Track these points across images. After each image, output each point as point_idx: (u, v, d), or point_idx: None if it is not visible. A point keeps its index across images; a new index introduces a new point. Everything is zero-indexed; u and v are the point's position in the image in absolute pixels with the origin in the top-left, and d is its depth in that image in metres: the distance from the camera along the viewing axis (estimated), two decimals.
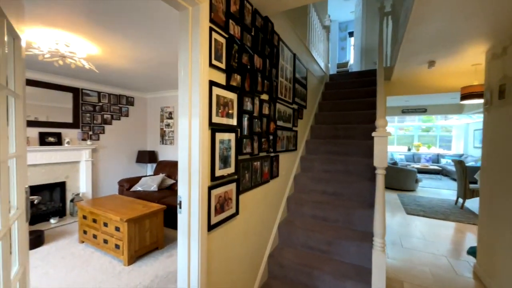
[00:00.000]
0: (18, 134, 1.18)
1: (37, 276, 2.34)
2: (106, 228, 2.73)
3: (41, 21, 1.99)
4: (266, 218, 2.09)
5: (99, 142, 4.48)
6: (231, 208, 1.52)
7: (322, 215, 2.34)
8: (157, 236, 2.91)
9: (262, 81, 1.86)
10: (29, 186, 3.54)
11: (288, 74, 2.49)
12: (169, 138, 5.05)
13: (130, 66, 3.17)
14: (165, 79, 3.89)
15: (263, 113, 1.91)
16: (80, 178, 4.17)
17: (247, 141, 1.67)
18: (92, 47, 2.54)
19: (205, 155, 1.28)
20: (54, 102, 3.81)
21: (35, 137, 3.61)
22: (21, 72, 1.17)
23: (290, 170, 2.68)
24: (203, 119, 1.26)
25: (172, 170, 4.55)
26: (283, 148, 2.38)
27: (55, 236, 3.24)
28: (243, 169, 1.66)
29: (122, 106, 4.86)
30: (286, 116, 2.45)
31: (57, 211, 3.89)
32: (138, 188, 4.09)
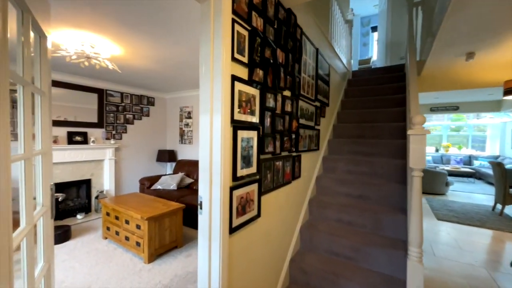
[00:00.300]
0: (44, 131, 1.19)
1: (64, 270, 2.42)
2: (128, 226, 2.77)
3: (68, 22, 2.05)
4: (288, 221, 1.99)
5: (122, 141, 4.62)
6: (253, 210, 1.44)
7: (347, 219, 2.20)
8: (176, 235, 2.91)
9: (285, 76, 1.77)
10: (58, 183, 3.73)
11: (311, 70, 2.37)
12: (188, 138, 5.10)
13: (151, 66, 3.21)
14: (184, 79, 3.92)
15: (286, 110, 1.81)
16: (104, 176, 4.32)
17: (269, 139, 1.59)
18: (115, 48, 2.59)
19: (226, 154, 1.21)
20: (81, 103, 3.97)
21: (63, 136, 3.78)
22: (47, 71, 1.18)
23: (312, 171, 2.56)
24: (225, 116, 1.19)
25: (191, 169, 4.58)
26: (305, 148, 2.27)
27: (81, 231, 3.36)
28: (265, 169, 1.58)
29: (143, 106, 4.98)
30: (308, 114, 2.33)
31: (83, 207, 4.05)
32: (158, 186, 4.16)
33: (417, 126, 1.48)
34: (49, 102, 1.21)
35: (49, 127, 1.22)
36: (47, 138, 1.19)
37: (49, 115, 1.22)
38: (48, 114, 1.20)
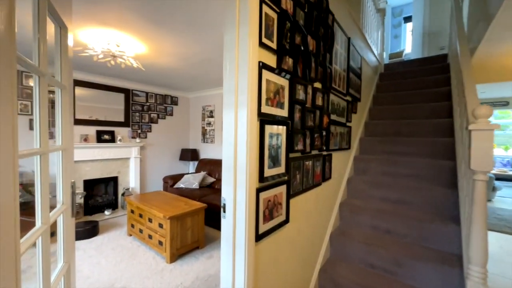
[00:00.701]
0: (65, 126, 1.14)
1: (91, 265, 2.46)
2: (151, 224, 2.77)
3: (95, 20, 2.06)
4: (317, 226, 1.80)
5: (147, 140, 4.71)
6: (281, 214, 1.29)
7: (384, 226, 1.95)
8: (198, 235, 2.85)
9: (316, 66, 1.59)
10: (88, 179, 3.87)
11: (342, 61, 2.15)
12: (210, 137, 5.07)
13: (174, 64, 3.19)
14: (206, 77, 3.87)
15: (316, 104, 1.63)
16: (130, 173, 4.43)
17: (298, 136, 1.42)
18: (139, 46, 2.59)
19: (253, 152, 1.08)
20: (109, 103, 4.11)
21: (93, 134, 3.93)
22: (67, 64, 1.13)
23: (342, 172, 2.34)
24: (251, 109, 1.05)
25: (213, 168, 4.54)
26: (336, 146, 2.06)
27: (108, 227, 3.45)
28: (294, 169, 1.42)
29: (167, 106, 5.05)
30: (339, 109, 2.12)
31: (110, 204, 4.19)
32: (180, 185, 4.17)
33: (482, 119, 1.22)
34: (69, 97, 1.16)
35: (70, 123, 1.17)
36: (68, 134, 1.15)
37: (70, 110, 1.18)
38: (69, 109, 1.16)
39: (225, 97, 1.10)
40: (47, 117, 0.90)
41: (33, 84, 0.86)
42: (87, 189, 3.89)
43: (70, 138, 1.18)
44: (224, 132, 1.12)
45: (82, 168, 3.80)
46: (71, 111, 1.19)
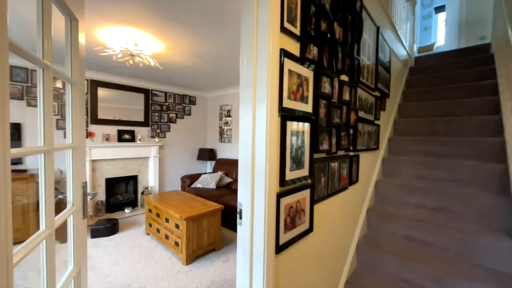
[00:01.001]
0: (75, 124, 1.09)
1: (110, 263, 2.47)
2: (168, 224, 2.74)
3: (113, 19, 2.05)
4: (343, 234, 1.63)
5: (165, 140, 4.76)
6: (304, 222, 1.15)
7: (421, 237, 1.73)
8: (214, 237, 2.78)
9: (343, 57, 1.42)
10: (109, 178, 3.97)
11: (371, 52, 1.95)
12: (227, 136, 5.02)
13: (191, 62, 3.15)
14: (223, 75, 3.80)
15: (343, 99, 1.46)
16: (149, 172, 4.49)
17: (324, 134, 1.27)
18: (157, 44, 2.56)
19: (273, 151, 0.95)
20: (130, 104, 4.19)
21: (114, 134, 4.02)
22: (79, 59, 1.08)
23: (370, 174, 2.13)
24: (271, 102, 0.93)
25: (230, 168, 4.47)
26: (363, 146, 1.87)
27: (127, 225, 3.50)
28: (319, 171, 1.26)
29: (185, 106, 5.07)
30: (367, 106, 1.92)
31: (130, 202, 4.27)
32: (198, 185, 4.14)
33: None
34: (80, 93, 1.11)
35: (82, 121, 1.12)
36: (79, 131, 1.10)
37: (81, 107, 1.13)
38: (80, 106, 1.11)
39: (242, 91, 0.98)
40: (52, 113, 0.84)
41: (37, 77, 0.81)
42: (109, 187, 3.99)
43: (82, 136, 1.13)
44: (240, 129, 1.00)
45: (104, 166, 3.90)
46: (83, 108, 1.14)
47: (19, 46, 0.62)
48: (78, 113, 1.09)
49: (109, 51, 2.44)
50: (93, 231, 3.04)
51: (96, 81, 3.76)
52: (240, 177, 1.00)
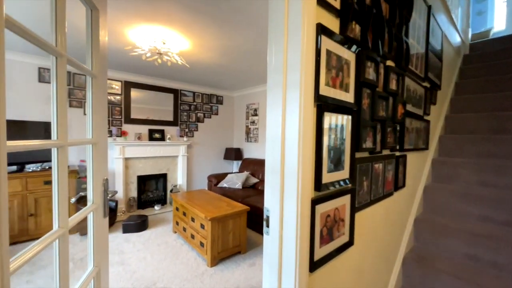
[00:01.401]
0: (96, 118, 1.05)
1: (138, 260, 2.51)
2: (193, 224, 2.70)
3: (141, 17, 2.05)
4: (386, 248, 1.39)
5: (193, 139, 4.82)
6: (343, 234, 0.96)
7: (488, 257, 1.41)
8: (240, 239, 2.67)
9: (390, 39, 1.20)
10: (141, 175, 4.11)
11: (421, 35, 1.67)
12: (253, 136, 4.92)
13: (217, 59, 3.10)
14: (250, 73, 3.70)
15: (390, 88, 1.24)
16: (178, 171, 4.58)
17: (367, 130, 1.07)
18: (184, 41, 2.54)
19: (307, 149, 0.79)
20: (159, 104, 4.31)
21: (146, 133, 4.17)
22: (99, 50, 1.04)
23: (417, 178, 1.83)
24: (305, 89, 0.77)
25: (256, 168, 4.36)
26: (410, 145, 1.59)
27: (156, 222, 3.58)
28: (361, 173, 1.07)
29: (212, 105, 5.09)
30: (415, 98, 1.64)
31: (160, 199, 4.39)
32: (224, 184, 4.10)
33: None
34: (102, 87, 1.07)
35: (103, 115, 1.08)
36: (100, 126, 1.05)
37: (103, 101, 1.09)
38: (102, 100, 1.06)
39: (270, 77, 0.84)
40: (66, 105, 0.79)
41: (50, 67, 0.75)
42: (140, 184, 4.14)
43: (103, 132, 1.08)
44: (268, 123, 0.86)
45: (136, 164, 4.06)
46: (104, 103, 1.10)
47: (19, 24, 0.56)
48: (99, 107, 1.04)
49: (138, 51, 2.48)
50: (124, 226, 3.15)
51: (129, 82, 3.93)
52: (267, 179, 0.86)
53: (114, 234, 3.13)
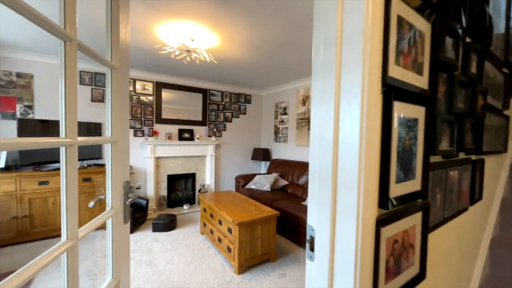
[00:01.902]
0: (116, 115, 0.96)
1: (165, 261, 2.48)
2: (220, 227, 2.60)
3: (169, 13, 1.99)
4: (457, 276, 1.09)
5: (221, 139, 4.77)
6: (413, 264, 0.73)
7: None
8: (269, 246, 2.49)
9: (471, 7, 0.92)
10: (170, 174, 4.15)
11: (501, 5, 1.32)
12: (282, 136, 4.70)
13: (246, 55, 2.96)
14: (280, 69, 3.50)
15: (471, 72, 0.95)
16: (206, 170, 4.56)
17: (443, 127, 0.81)
18: (212, 37, 2.45)
19: (371, 151, 0.57)
20: (189, 104, 4.33)
21: (175, 133, 4.21)
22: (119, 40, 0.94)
23: (493, 188, 1.47)
24: (370, 69, 0.56)
25: (286, 170, 4.14)
26: (488, 147, 1.26)
27: (184, 222, 3.57)
28: (434, 183, 0.81)
29: (240, 104, 5.00)
30: (494, 87, 1.30)
31: (188, 199, 4.41)
32: (252, 186, 3.96)
33: None
34: (124, 81, 0.98)
35: (124, 111, 0.98)
36: (120, 124, 0.96)
37: (125, 96, 0.99)
38: (122, 95, 0.97)
39: (317, 55, 0.64)
40: (75, 98, 0.68)
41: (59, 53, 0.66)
42: (170, 183, 4.20)
43: (124, 129, 0.99)
44: (313, 118, 0.67)
45: (166, 163, 4.12)
46: (125, 97, 1.00)
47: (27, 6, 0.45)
48: (120, 103, 0.95)
49: (167, 49, 2.44)
50: (154, 225, 3.17)
51: (160, 83, 4.00)
52: (312, 190, 0.66)
53: (144, 232, 3.17)
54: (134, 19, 2.12)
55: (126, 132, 1.02)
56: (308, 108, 4.04)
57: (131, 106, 3.77)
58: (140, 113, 3.87)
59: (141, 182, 3.89)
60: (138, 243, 2.86)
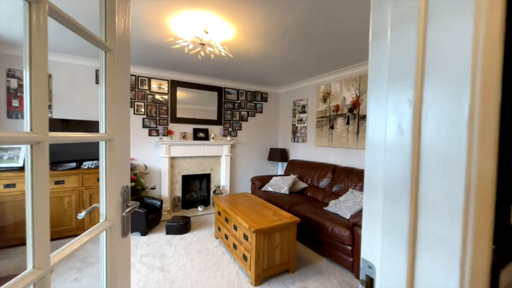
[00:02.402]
0: (111, 107, 0.80)
1: (178, 267, 2.34)
2: (236, 232, 2.42)
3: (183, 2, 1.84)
4: None
5: (237, 138, 4.61)
6: None
7: None
8: (288, 256, 2.27)
9: None
10: (185, 175, 4.04)
11: None
12: (301, 135, 4.45)
13: (264, 49, 2.76)
14: (299, 63, 3.26)
15: None
16: (221, 171, 4.42)
17: None
18: (227, 29, 2.27)
19: (485, 153, 0.35)
20: (204, 102, 4.21)
21: (190, 132, 4.11)
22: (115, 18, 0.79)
23: None
24: (487, 20, 0.33)
25: (305, 171, 3.89)
26: None
27: (199, 225, 3.44)
28: None
29: (256, 103, 4.81)
30: None
31: (203, 200, 4.29)
32: (268, 188, 3.75)
33: None
34: (123, 66, 0.82)
35: (123, 102, 0.83)
36: (118, 117, 0.80)
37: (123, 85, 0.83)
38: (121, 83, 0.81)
39: (379, 4, 0.43)
40: (46, 83, 0.52)
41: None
42: (185, 184, 4.10)
43: (123, 125, 0.83)
44: (371, 105, 0.45)
45: (181, 164, 4.03)
46: (125, 87, 0.84)
47: None
48: (117, 92, 0.79)
49: (180, 42, 2.30)
50: (167, 228, 3.07)
51: (175, 81, 3.91)
52: (368, 209, 0.45)
53: (157, 234, 3.08)
54: (145, 12, 2.00)
55: (126, 128, 0.85)
56: (329, 106, 3.77)
57: (145, 105, 3.72)
58: (155, 112, 3.80)
59: (155, 182, 3.82)
60: (151, 246, 2.76)
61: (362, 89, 3.24)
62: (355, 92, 3.34)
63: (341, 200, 2.73)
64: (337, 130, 3.62)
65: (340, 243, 2.35)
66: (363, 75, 3.23)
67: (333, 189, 3.28)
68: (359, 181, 2.98)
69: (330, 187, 3.34)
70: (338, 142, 3.60)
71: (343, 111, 3.52)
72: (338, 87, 3.61)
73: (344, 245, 2.32)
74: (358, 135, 3.30)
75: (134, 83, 3.62)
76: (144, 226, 2.99)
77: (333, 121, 3.69)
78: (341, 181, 3.20)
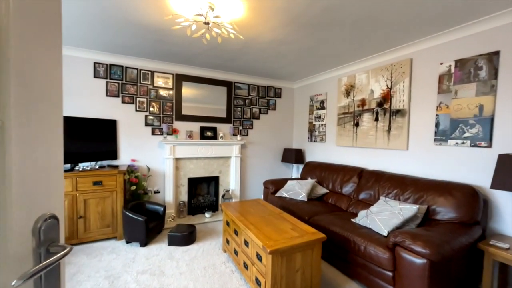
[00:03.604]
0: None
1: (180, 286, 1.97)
2: (247, 249, 2.02)
3: None
4: None
5: (247, 138, 4.22)
6: None
7: None
8: (311, 281, 1.84)
9: None
10: (192, 177, 3.68)
11: None
12: (319, 134, 3.99)
13: (279, 32, 2.34)
14: (320, 50, 2.82)
15: None
16: (231, 173, 4.04)
17: None
18: (237, 4, 1.88)
19: None
20: (212, 98, 3.85)
21: (197, 131, 3.76)
22: None
23: None
24: None
25: (324, 174, 3.43)
26: None
27: (205, 234, 3.07)
28: None
29: (269, 99, 4.40)
30: None
31: (211, 205, 3.93)
32: (283, 194, 3.32)
33: None
34: None
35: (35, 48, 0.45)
36: (27, 85, 0.43)
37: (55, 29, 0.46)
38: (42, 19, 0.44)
39: None
40: None
41: None
42: (191, 187, 3.75)
43: (36, 96, 0.45)
44: None
45: (187, 165, 3.68)
46: (56, 32, 0.47)
47: None
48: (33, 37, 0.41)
49: (181, 21, 1.93)
50: (170, 238, 2.71)
51: (180, 75, 3.57)
52: None
53: (158, 245, 2.73)
54: None
55: (50, 105, 0.47)
56: (353, 100, 3.30)
57: (148, 102, 3.40)
58: (159, 109, 3.47)
59: (159, 185, 3.49)
60: (150, 259, 2.41)
61: (395, 79, 2.76)
62: (385, 83, 2.86)
63: (374, 211, 2.26)
64: (363, 128, 3.14)
65: (376, 267, 1.89)
66: (395, 63, 2.74)
67: (360, 197, 2.81)
68: (393, 187, 2.50)
69: (356, 194, 2.87)
70: (364, 142, 3.13)
71: (371, 105, 3.04)
72: (364, 79, 3.13)
73: (382, 270, 1.86)
74: (389, 133, 2.82)
75: (136, 77, 3.31)
76: (143, 236, 2.64)
77: (358, 118, 3.21)
78: (370, 187, 2.73)
